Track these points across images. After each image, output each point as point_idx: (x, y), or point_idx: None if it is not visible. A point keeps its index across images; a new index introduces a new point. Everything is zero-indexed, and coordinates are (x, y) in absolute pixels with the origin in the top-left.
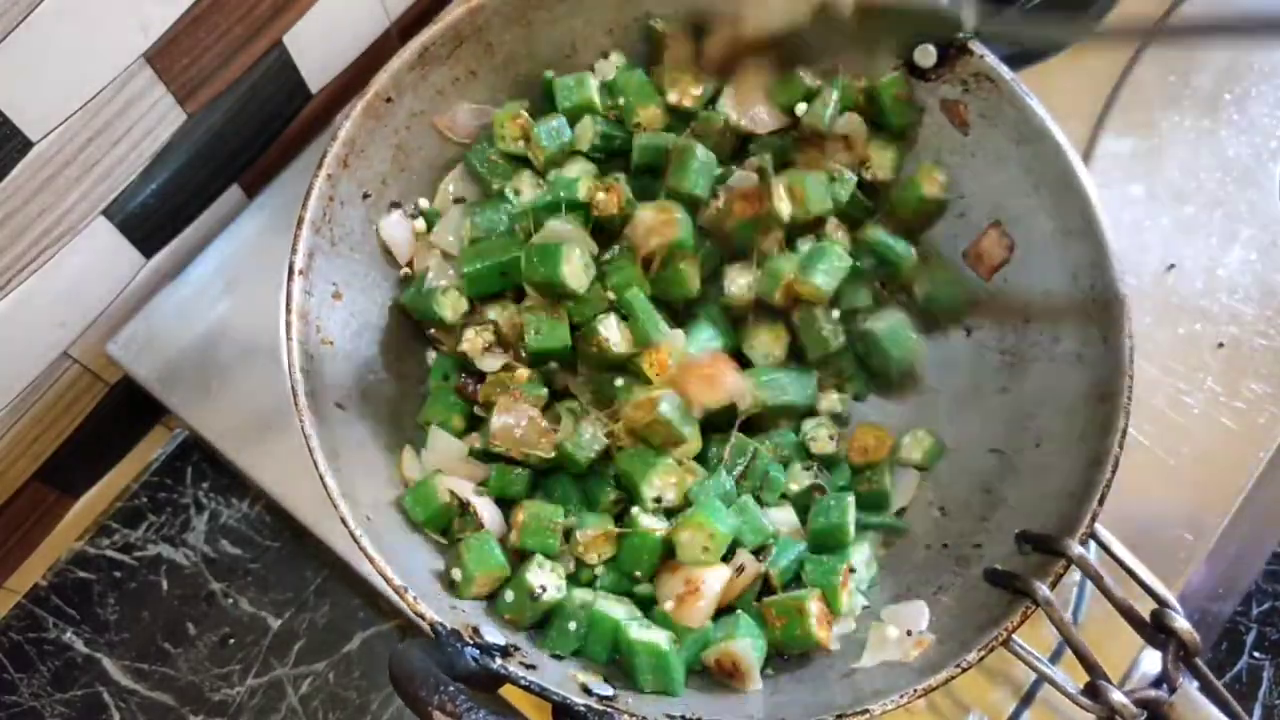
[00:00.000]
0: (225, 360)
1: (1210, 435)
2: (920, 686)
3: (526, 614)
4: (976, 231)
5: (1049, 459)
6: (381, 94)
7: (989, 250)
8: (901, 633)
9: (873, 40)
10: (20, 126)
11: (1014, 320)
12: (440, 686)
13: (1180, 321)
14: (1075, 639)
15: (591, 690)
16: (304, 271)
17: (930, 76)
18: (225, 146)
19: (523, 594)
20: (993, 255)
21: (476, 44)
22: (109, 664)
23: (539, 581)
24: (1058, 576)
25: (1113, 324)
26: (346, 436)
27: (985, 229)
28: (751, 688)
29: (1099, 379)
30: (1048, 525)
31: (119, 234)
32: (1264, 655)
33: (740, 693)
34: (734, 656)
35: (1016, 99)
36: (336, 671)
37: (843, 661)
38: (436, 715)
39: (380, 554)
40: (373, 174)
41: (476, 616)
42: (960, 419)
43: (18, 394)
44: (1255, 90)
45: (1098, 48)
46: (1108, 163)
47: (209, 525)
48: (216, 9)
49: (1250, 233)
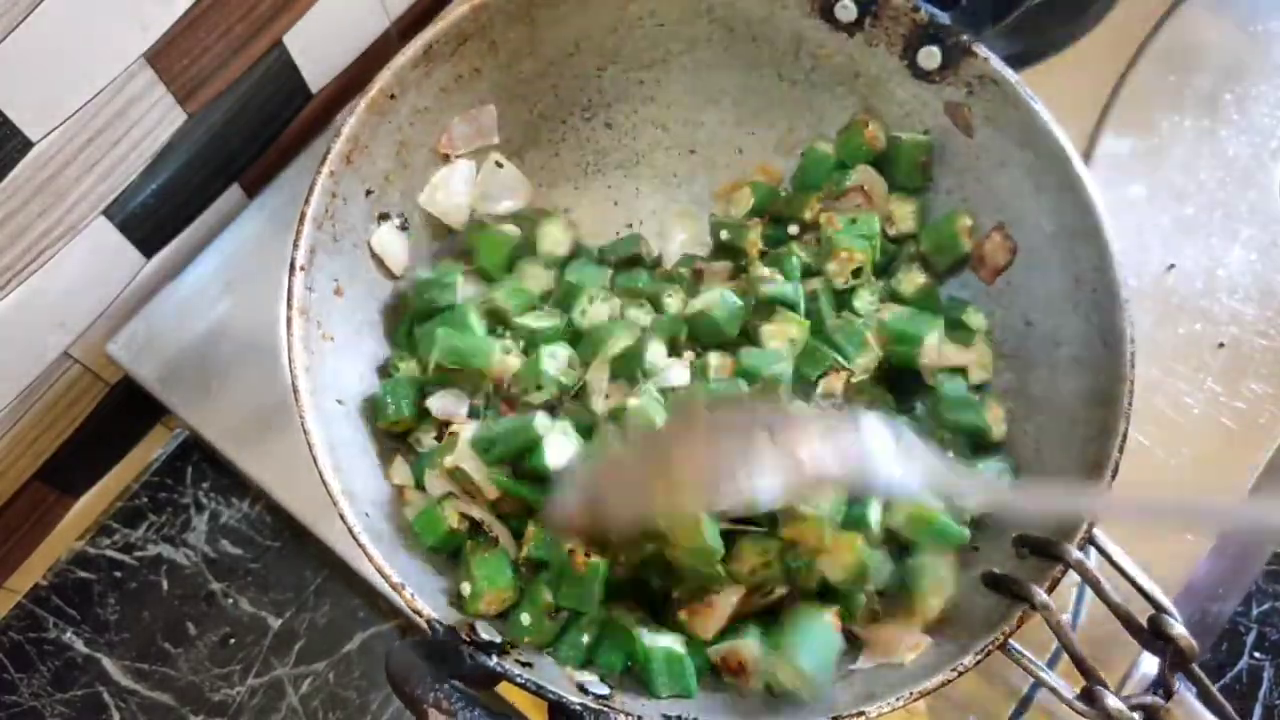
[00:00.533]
0: (225, 360)
1: (1210, 435)
2: (916, 690)
3: (546, 633)
4: (980, 234)
5: (1048, 463)
6: (385, 90)
7: (992, 254)
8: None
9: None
10: (20, 126)
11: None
12: (435, 684)
13: (1180, 321)
14: (1072, 644)
15: (588, 689)
16: (305, 267)
17: (934, 79)
18: (225, 146)
19: (539, 614)
20: (996, 259)
21: (480, 42)
22: (109, 664)
23: (552, 599)
24: (1055, 581)
25: (1114, 328)
26: (347, 433)
27: (989, 232)
28: (758, 686)
29: (1100, 383)
30: (1046, 529)
31: (119, 234)
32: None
33: (740, 693)
34: (740, 656)
35: (1020, 101)
36: (336, 671)
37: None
38: (431, 713)
39: (379, 551)
40: (376, 170)
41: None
42: None
43: (18, 394)
44: (1255, 90)
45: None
46: (1108, 163)
47: (209, 525)
48: (217, 9)
49: (1250, 233)
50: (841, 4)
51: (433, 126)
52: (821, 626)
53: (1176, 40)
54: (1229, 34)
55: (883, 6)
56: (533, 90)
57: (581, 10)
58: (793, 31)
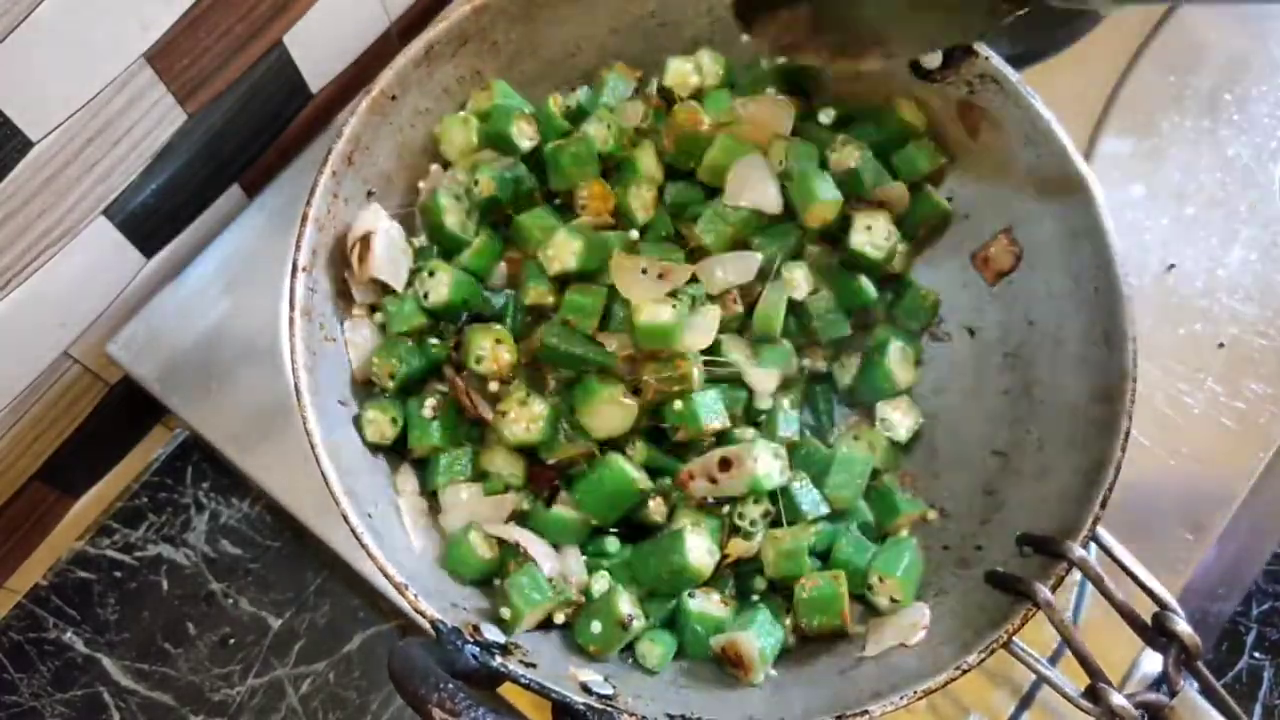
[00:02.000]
0: (225, 360)
1: (1210, 435)
2: (921, 688)
3: (614, 643)
4: (981, 233)
5: (1051, 461)
6: (387, 91)
7: (997, 257)
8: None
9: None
10: (21, 126)
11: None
12: (440, 684)
13: (1181, 321)
14: (1076, 642)
15: (592, 689)
16: (307, 268)
17: (935, 78)
18: (225, 146)
19: (611, 624)
20: (1000, 262)
21: (481, 42)
22: (109, 664)
23: (627, 610)
24: (1059, 579)
25: (1116, 327)
26: (349, 433)
27: (995, 235)
28: (756, 679)
29: (1102, 382)
30: (1049, 527)
31: (119, 234)
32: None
33: (743, 687)
34: (739, 647)
35: (1022, 100)
36: (336, 671)
37: (845, 656)
38: (435, 712)
39: (381, 550)
40: (377, 171)
41: (477, 614)
42: (963, 420)
43: (18, 394)
44: (1255, 90)
45: (1097, 47)
46: (1108, 163)
47: (209, 525)
48: (217, 9)
49: (1250, 233)
50: None
51: (434, 127)
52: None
53: (1176, 40)
54: (1229, 34)
55: None
56: (534, 92)
57: (583, 11)
58: None
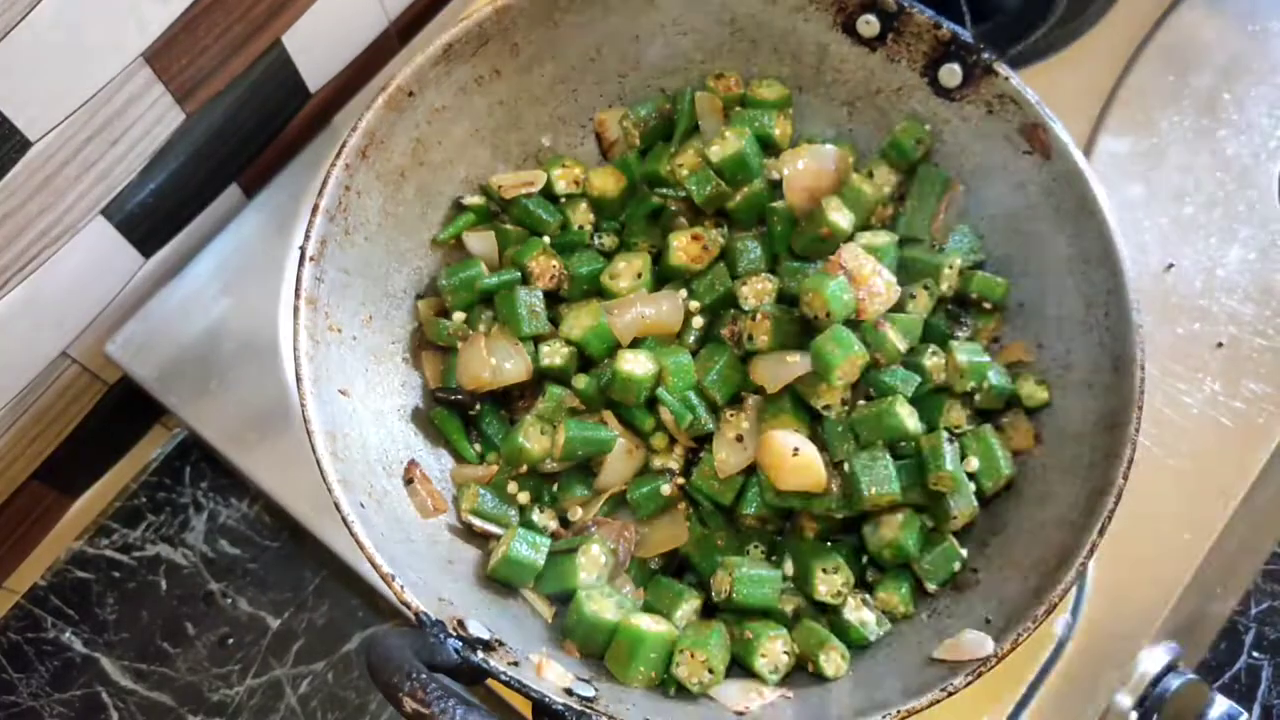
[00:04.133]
0: (224, 360)
1: (1210, 435)
2: (904, 708)
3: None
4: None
5: (1052, 486)
6: (404, 87)
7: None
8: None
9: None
10: (19, 126)
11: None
12: (412, 673)
13: (1179, 321)
14: None
15: (573, 691)
16: (315, 258)
17: (955, 96)
18: (224, 146)
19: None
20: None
21: (502, 43)
22: (108, 664)
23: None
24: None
25: (1125, 353)
26: (347, 424)
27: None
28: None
29: (1108, 408)
30: (1046, 553)
31: (118, 234)
32: (1263, 655)
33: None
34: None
35: (1041, 120)
36: (335, 671)
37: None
38: (406, 702)
39: (370, 540)
40: (391, 167)
41: (465, 610)
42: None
43: (17, 394)
44: (1255, 90)
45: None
46: (1107, 163)
47: (208, 525)
48: (215, 8)
49: (1249, 233)
50: (864, 19)
51: (450, 126)
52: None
53: (1175, 40)
54: (1228, 33)
55: (905, 23)
56: (552, 94)
57: (605, 16)
58: (815, 45)
